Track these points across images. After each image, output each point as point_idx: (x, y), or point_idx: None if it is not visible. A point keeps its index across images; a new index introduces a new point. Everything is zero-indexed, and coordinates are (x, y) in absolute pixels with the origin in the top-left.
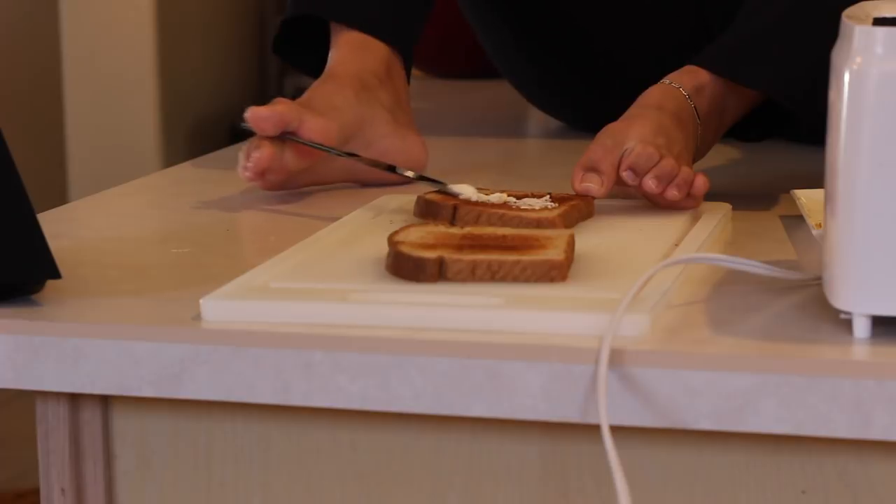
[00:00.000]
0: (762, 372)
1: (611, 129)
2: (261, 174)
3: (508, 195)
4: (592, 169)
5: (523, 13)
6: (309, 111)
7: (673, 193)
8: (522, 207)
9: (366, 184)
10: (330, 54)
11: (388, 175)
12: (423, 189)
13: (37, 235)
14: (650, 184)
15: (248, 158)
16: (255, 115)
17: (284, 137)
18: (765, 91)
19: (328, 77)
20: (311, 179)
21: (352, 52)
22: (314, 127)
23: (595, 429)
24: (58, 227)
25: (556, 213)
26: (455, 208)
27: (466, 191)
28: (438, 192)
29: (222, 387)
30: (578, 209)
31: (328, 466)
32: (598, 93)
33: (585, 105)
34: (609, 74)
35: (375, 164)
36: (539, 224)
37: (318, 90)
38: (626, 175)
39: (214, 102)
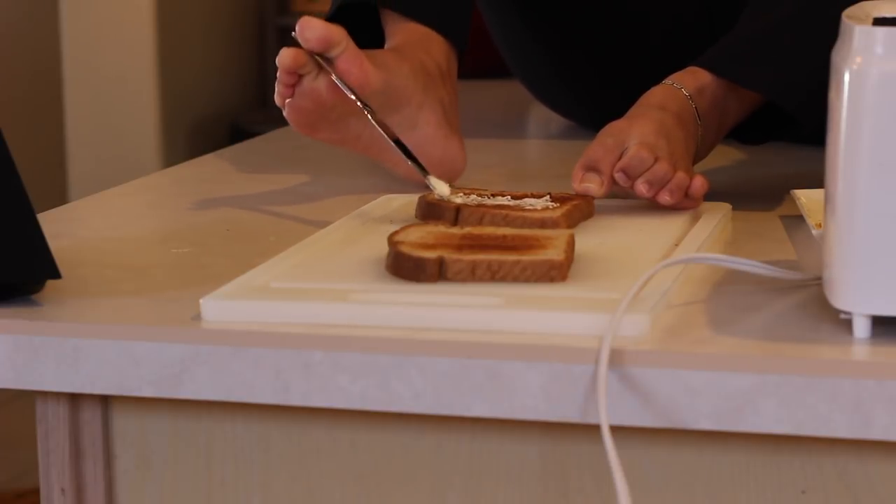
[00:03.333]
0: (762, 372)
1: (612, 128)
2: (291, 75)
3: (506, 195)
4: (592, 169)
5: (542, 9)
6: (357, 50)
7: (665, 198)
8: (526, 208)
9: (378, 163)
10: (390, 41)
11: (400, 161)
12: (424, 190)
13: (37, 235)
14: (641, 188)
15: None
16: (304, 23)
17: (323, 63)
18: (765, 93)
19: (393, 49)
20: (338, 135)
21: (417, 40)
22: (355, 62)
23: (595, 429)
24: (58, 227)
25: (559, 212)
26: (458, 210)
27: (441, 187)
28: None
29: (222, 387)
30: (580, 209)
31: (328, 466)
32: (614, 90)
33: (600, 103)
34: (626, 72)
35: (383, 126)
36: (543, 224)
37: (378, 52)
38: (618, 177)
39: (214, 102)
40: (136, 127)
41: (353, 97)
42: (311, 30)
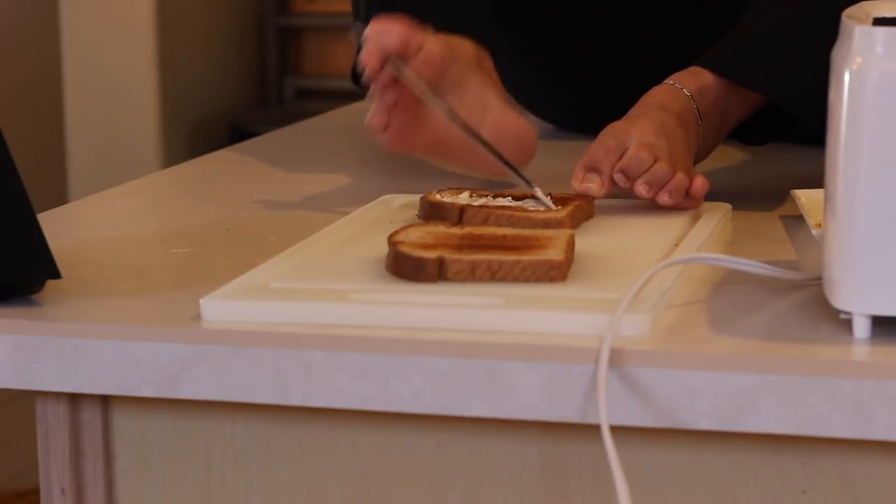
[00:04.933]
0: (762, 372)
1: (613, 128)
2: (385, 83)
3: (507, 196)
4: (593, 169)
5: (521, 17)
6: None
7: (664, 199)
8: (529, 209)
9: (480, 176)
10: None
11: (498, 168)
12: (428, 190)
13: (37, 235)
14: (641, 189)
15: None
16: (379, 27)
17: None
18: (766, 93)
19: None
20: (434, 145)
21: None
22: (437, 50)
23: (595, 429)
24: (58, 227)
25: (563, 213)
26: (462, 210)
27: (547, 201)
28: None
29: (222, 387)
30: (582, 209)
31: (328, 466)
32: (596, 95)
33: (582, 108)
34: (608, 78)
35: (468, 129)
36: (548, 225)
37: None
38: (617, 178)
39: (214, 102)
40: (136, 127)
41: (429, 99)
42: (389, 33)
